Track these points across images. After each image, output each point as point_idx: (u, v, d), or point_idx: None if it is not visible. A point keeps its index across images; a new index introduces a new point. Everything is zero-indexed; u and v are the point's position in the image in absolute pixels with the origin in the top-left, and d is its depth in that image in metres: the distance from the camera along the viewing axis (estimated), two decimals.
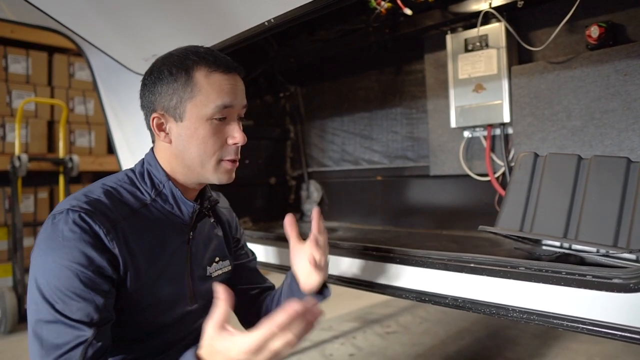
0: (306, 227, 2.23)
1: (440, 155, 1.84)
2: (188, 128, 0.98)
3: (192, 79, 0.97)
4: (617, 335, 0.93)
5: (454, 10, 1.68)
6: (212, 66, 0.98)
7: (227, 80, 0.99)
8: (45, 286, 0.86)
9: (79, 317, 0.85)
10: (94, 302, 0.86)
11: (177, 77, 0.98)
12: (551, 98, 1.49)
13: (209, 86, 0.97)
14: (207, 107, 0.97)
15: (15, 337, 2.97)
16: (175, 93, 0.98)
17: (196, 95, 0.97)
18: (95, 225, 0.89)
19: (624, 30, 1.39)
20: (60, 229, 0.88)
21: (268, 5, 1.23)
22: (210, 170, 1.01)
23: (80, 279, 0.86)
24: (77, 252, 0.86)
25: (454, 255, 1.21)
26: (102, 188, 0.98)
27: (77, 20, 1.66)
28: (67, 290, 0.85)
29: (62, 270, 0.86)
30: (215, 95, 0.97)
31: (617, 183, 1.04)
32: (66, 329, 0.84)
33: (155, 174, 1.03)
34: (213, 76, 0.98)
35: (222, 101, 0.97)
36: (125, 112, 2.27)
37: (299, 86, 2.46)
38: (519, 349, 2.55)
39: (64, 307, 0.84)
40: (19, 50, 3.74)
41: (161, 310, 1.01)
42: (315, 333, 2.92)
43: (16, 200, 3.22)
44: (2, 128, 3.58)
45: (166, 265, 1.01)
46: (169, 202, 1.02)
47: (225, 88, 0.98)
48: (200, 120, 0.97)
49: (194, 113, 0.97)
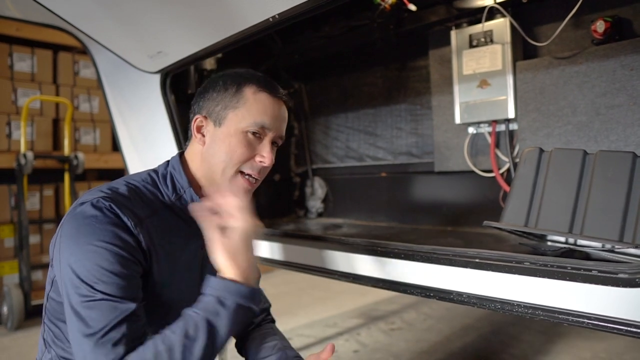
0: (310, 223, 2.23)
1: (444, 152, 1.83)
2: (223, 133, 1.03)
3: (241, 92, 1.03)
4: (622, 330, 0.93)
5: (459, 5, 1.67)
6: (261, 86, 1.04)
7: (272, 103, 1.05)
8: (82, 268, 0.87)
9: (121, 294, 0.87)
10: (131, 281, 0.89)
11: (228, 88, 1.04)
12: (556, 93, 1.49)
13: (254, 102, 1.03)
14: (246, 120, 1.02)
15: (22, 334, 3.00)
16: (222, 101, 1.04)
17: (240, 107, 1.03)
18: (125, 216, 0.92)
19: (630, 24, 1.38)
20: (91, 214, 0.90)
21: (273, 1, 1.23)
22: (227, 179, 1.03)
23: (117, 258, 0.88)
24: (110, 234, 0.89)
25: (459, 250, 1.21)
26: (126, 185, 1.00)
27: (83, 18, 1.67)
28: (105, 270, 0.87)
29: (98, 251, 0.88)
30: (257, 112, 1.02)
31: (623, 178, 1.03)
32: (110, 305, 0.85)
33: (177, 178, 1.05)
34: (260, 94, 1.04)
35: (262, 119, 1.03)
36: (130, 110, 2.28)
37: (303, 83, 2.46)
38: (524, 345, 2.55)
39: (104, 286, 0.86)
40: (24, 48, 3.76)
41: (171, 308, 1.02)
42: (320, 329, 2.92)
43: (22, 197, 3.24)
44: (7, 126, 3.59)
45: (182, 268, 1.03)
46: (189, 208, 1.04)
47: (269, 110, 1.04)
48: (236, 130, 1.02)
49: (233, 122, 1.02)
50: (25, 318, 3.10)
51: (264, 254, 1.80)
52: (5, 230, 3.54)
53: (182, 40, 1.59)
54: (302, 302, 3.61)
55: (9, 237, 3.55)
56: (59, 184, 3.77)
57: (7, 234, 3.55)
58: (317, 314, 3.29)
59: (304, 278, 4.17)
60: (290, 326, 3.00)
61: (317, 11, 1.23)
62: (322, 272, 1.60)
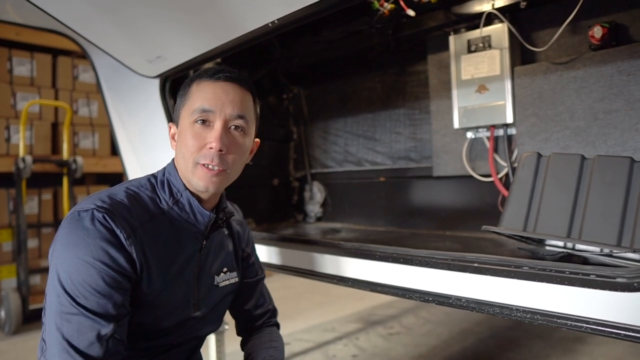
0: (309, 228, 2.23)
1: (443, 156, 1.84)
2: (180, 131, 1.06)
3: (189, 88, 1.06)
4: (621, 334, 0.93)
5: (457, 11, 1.68)
6: (204, 76, 1.05)
7: (213, 86, 1.03)
8: (67, 280, 0.88)
9: (100, 311, 0.88)
10: (113, 299, 0.89)
11: (182, 89, 1.09)
12: (554, 98, 1.49)
13: (196, 92, 1.04)
14: (190, 109, 1.03)
15: (20, 338, 2.98)
16: (178, 103, 1.08)
17: (186, 102, 1.05)
18: (117, 229, 0.92)
19: (627, 30, 1.39)
20: (84, 226, 0.90)
21: (272, 7, 1.23)
22: (190, 173, 1.02)
23: (103, 277, 0.89)
24: (101, 250, 0.90)
25: (457, 255, 1.21)
26: (125, 192, 1.01)
27: (82, 22, 1.67)
28: (89, 286, 0.88)
29: (85, 267, 0.89)
30: (200, 100, 1.02)
31: (621, 183, 1.04)
32: (87, 321, 0.86)
33: (174, 182, 1.06)
34: (202, 83, 1.05)
35: (201, 104, 1.02)
36: (129, 114, 2.28)
37: (302, 87, 2.46)
38: (522, 350, 2.54)
39: (85, 302, 0.87)
40: (24, 52, 3.76)
41: (163, 314, 1.02)
42: (318, 334, 2.92)
43: (20, 201, 3.23)
44: (6, 130, 3.59)
45: (176, 272, 1.03)
46: (186, 211, 1.05)
47: (209, 93, 1.03)
48: (187, 124, 1.03)
49: (184, 117, 1.05)
50: (23, 322, 3.09)
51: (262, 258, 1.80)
52: (3, 234, 3.53)
53: (181, 45, 1.60)
54: (300, 307, 3.60)
55: (7, 241, 3.54)
56: (57, 188, 3.77)
57: (5, 238, 3.54)
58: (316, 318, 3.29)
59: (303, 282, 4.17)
60: (288, 331, 2.99)
61: (316, 16, 1.24)
62: (321, 277, 1.60)
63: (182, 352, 1.12)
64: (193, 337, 1.12)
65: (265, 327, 1.30)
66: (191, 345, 1.14)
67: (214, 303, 1.13)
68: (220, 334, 2.17)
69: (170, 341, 1.06)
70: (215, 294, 1.13)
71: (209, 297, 1.12)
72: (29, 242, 3.42)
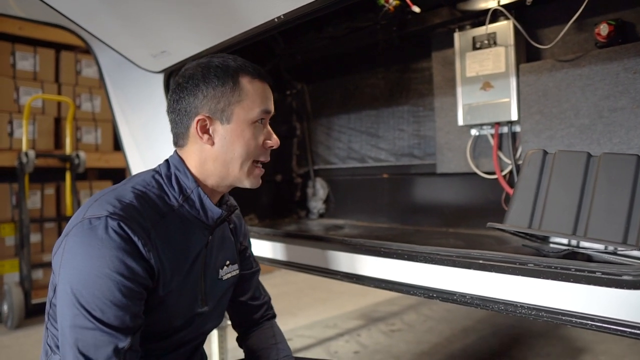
0: (312, 224, 2.23)
1: (447, 153, 1.84)
2: (234, 130, 1.02)
3: (239, 84, 1.02)
4: (627, 332, 0.93)
5: (462, 8, 1.68)
6: (253, 74, 1.05)
7: (265, 87, 1.07)
8: (83, 293, 0.86)
9: (117, 325, 0.86)
10: (131, 311, 0.88)
11: (224, 82, 1.02)
12: (559, 96, 1.49)
13: (254, 92, 1.04)
14: (253, 111, 1.03)
15: (22, 332, 3.00)
16: (223, 97, 1.02)
17: (244, 100, 1.03)
18: (135, 236, 0.89)
19: (634, 28, 1.38)
20: (99, 236, 0.87)
21: (278, 2, 1.23)
22: (245, 172, 1.04)
23: (121, 289, 0.87)
24: (118, 261, 0.87)
25: (462, 251, 1.21)
26: (132, 192, 0.96)
27: (86, 16, 1.67)
28: (107, 299, 0.86)
29: (102, 279, 0.86)
30: (260, 100, 1.04)
31: (627, 180, 1.03)
32: (103, 336, 0.85)
33: (183, 179, 1.03)
34: (256, 83, 1.05)
35: (266, 106, 1.05)
36: (132, 109, 2.28)
37: (305, 84, 2.46)
38: (524, 347, 2.55)
39: (102, 315, 0.85)
40: (27, 47, 3.76)
41: (172, 313, 1.02)
42: (320, 330, 2.93)
43: (23, 196, 3.24)
44: (9, 124, 3.60)
45: (187, 270, 1.02)
46: (195, 208, 1.03)
47: (267, 95, 1.07)
48: (246, 123, 1.03)
49: (240, 116, 1.02)
50: (26, 317, 3.10)
51: (265, 253, 1.80)
52: (6, 228, 3.54)
53: (186, 40, 1.59)
54: (302, 303, 3.61)
55: (9, 235, 3.55)
56: (60, 182, 3.77)
57: (8, 233, 3.55)
58: (317, 314, 3.29)
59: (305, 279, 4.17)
60: (290, 327, 3.00)
61: (322, 12, 1.23)
62: (323, 273, 1.60)
63: (189, 350, 1.13)
64: (200, 333, 1.12)
65: (264, 321, 1.31)
66: (198, 341, 1.15)
67: (218, 297, 1.13)
68: (223, 330, 2.18)
69: (180, 339, 1.06)
70: (220, 287, 1.14)
71: (215, 291, 1.12)
72: (32, 236, 3.43)
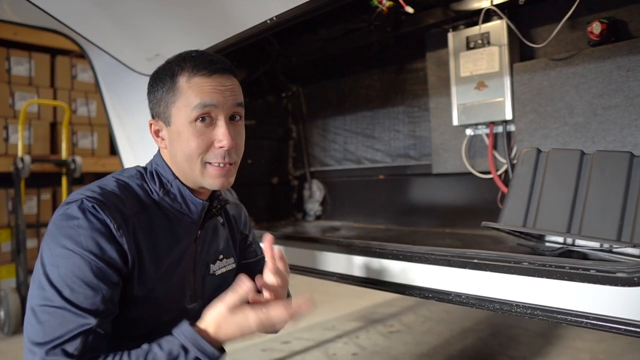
0: (309, 226, 2.23)
1: (442, 154, 1.84)
2: (175, 132, 0.99)
3: (176, 83, 0.98)
4: (622, 329, 0.93)
5: (456, 8, 1.68)
6: (194, 70, 0.98)
7: (209, 81, 0.98)
8: (54, 272, 0.86)
9: (86, 306, 0.85)
10: (101, 292, 0.87)
11: (164, 83, 1.00)
12: (553, 95, 1.49)
13: (188, 89, 0.97)
14: (188, 108, 0.96)
15: (19, 339, 2.98)
16: (163, 99, 1.00)
17: (178, 99, 0.98)
18: (107, 218, 0.90)
19: (626, 26, 1.39)
20: (73, 216, 0.89)
21: (270, 4, 1.23)
22: (198, 174, 1.00)
23: (92, 268, 0.87)
24: (90, 240, 0.87)
25: (457, 251, 1.21)
26: (116, 182, 0.99)
27: (80, 21, 1.67)
28: (77, 278, 0.86)
29: (74, 258, 0.86)
30: (194, 96, 0.96)
31: (620, 178, 1.04)
32: (71, 316, 0.84)
33: (162, 173, 1.04)
34: (194, 79, 0.97)
35: (201, 100, 0.96)
36: (127, 113, 2.28)
37: (300, 86, 2.46)
38: (523, 347, 2.54)
39: (71, 295, 0.85)
40: (22, 52, 3.75)
41: (159, 308, 1.01)
42: (319, 333, 2.92)
43: (19, 201, 3.23)
44: (5, 130, 3.59)
45: (171, 265, 1.01)
46: (177, 201, 1.03)
47: (205, 88, 0.97)
48: (184, 123, 0.97)
49: (178, 117, 0.98)
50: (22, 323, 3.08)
51: None
52: (2, 234, 3.53)
53: (179, 43, 1.59)
54: None
55: (6, 241, 3.54)
56: (56, 187, 3.76)
57: (4, 238, 3.53)
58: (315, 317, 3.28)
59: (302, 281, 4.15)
60: (288, 329, 2.99)
61: (314, 13, 1.24)
62: (320, 275, 1.60)
63: None
64: None
65: None
66: None
67: (209, 293, 1.11)
68: None
69: None
70: (211, 282, 1.12)
71: (205, 288, 1.10)
72: (28, 242, 3.41)
